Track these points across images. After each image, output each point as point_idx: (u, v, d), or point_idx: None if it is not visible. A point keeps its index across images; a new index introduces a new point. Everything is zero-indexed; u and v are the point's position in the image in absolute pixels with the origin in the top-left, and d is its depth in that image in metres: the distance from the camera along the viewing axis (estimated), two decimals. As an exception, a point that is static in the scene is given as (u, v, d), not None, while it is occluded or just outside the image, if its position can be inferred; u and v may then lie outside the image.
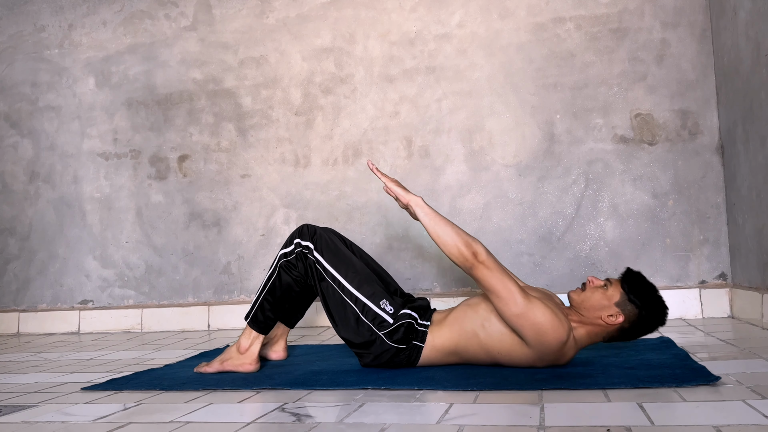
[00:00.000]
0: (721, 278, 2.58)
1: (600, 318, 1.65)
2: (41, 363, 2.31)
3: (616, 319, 1.63)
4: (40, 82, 3.42)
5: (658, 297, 1.66)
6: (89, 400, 1.61)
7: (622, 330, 1.65)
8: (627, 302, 1.63)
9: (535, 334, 1.59)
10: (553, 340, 1.59)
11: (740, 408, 1.20)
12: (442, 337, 1.75)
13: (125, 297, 3.23)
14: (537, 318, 1.58)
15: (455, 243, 1.65)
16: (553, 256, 2.73)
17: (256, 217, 3.08)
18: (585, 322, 1.67)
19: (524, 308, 1.59)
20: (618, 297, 1.64)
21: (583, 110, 2.73)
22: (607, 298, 1.65)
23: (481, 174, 2.82)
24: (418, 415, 1.30)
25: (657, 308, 1.64)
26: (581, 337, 1.67)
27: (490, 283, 1.62)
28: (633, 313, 1.63)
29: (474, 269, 1.63)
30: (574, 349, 1.66)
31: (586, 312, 1.67)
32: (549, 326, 1.58)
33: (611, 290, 1.66)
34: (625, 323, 1.64)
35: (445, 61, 2.89)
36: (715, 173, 2.61)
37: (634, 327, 1.65)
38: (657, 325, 1.66)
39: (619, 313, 1.63)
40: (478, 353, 1.72)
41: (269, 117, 3.10)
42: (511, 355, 1.67)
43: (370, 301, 1.77)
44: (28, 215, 3.39)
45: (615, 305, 1.64)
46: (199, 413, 1.42)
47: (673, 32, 2.67)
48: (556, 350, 1.62)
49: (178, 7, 3.24)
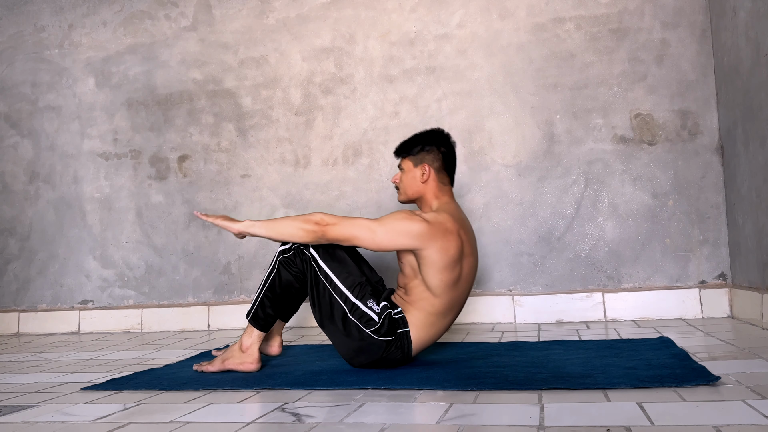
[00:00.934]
0: (721, 278, 2.58)
1: (421, 184, 1.91)
2: (41, 363, 2.31)
3: (427, 171, 1.90)
4: (40, 83, 3.42)
5: (423, 132, 1.97)
6: (89, 400, 1.61)
7: (441, 169, 1.92)
8: (417, 157, 1.92)
9: (407, 235, 1.75)
10: (417, 227, 1.75)
11: (740, 408, 1.20)
12: (414, 311, 1.81)
13: (125, 297, 3.23)
14: (393, 223, 1.76)
15: (297, 227, 1.78)
16: (553, 256, 2.73)
17: (256, 217, 3.08)
18: (423, 199, 1.92)
19: (380, 226, 1.76)
20: (411, 163, 1.93)
21: (583, 110, 2.73)
22: (409, 174, 1.93)
23: (481, 174, 2.82)
24: (418, 415, 1.30)
25: (431, 134, 1.95)
26: (435, 206, 1.88)
27: (346, 235, 1.77)
28: (427, 155, 1.91)
29: (325, 234, 1.77)
30: (442, 217, 1.80)
31: (415, 194, 1.93)
32: (405, 220, 1.76)
33: (405, 167, 1.94)
34: (435, 163, 1.91)
35: (445, 62, 2.89)
36: (714, 173, 2.61)
37: (442, 158, 1.93)
38: (446, 140, 1.95)
39: (422, 166, 1.91)
40: (432, 296, 1.80)
41: (269, 117, 3.10)
42: (434, 267, 1.77)
43: (358, 300, 1.79)
44: (28, 215, 3.39)
45: (417, 169, 1.92)
46: (199, 413, 1.42)
47: (673, 32, 2.67)
48: (431, 232, 1.75)
49: (178, 7, 3.25)
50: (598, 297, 2.66)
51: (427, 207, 1.93)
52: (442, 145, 1.95)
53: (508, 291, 2.77)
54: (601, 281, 2.68)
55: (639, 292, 2.62)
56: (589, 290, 2.68)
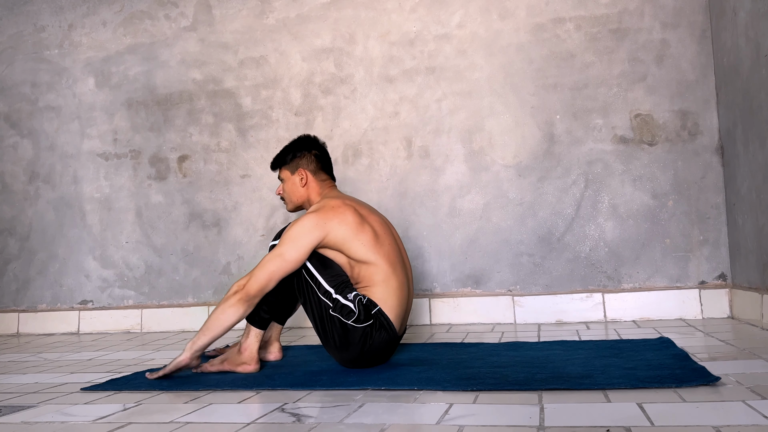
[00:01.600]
0: (721, 279, 2.58)
1: (304, 189, 2.00)
2: (41, 363, 2.31)
3: (305, 176, 2.00)
4: (40, 83, 3.42)
5: (291, 143, 2.06)
6: (89, 401, 1.61)
7: (318, 170, 2.02)
8: (292, 164, 2.01)
9: (307, 235, 1.80)
10: (310, 221, 1.81)
11: (740, 408, 1.20)
12: (370, 291, 1.83)
13: (125, 297, 3.23)
14: (291, 235, 1.80)
15: (225, 311, 1.77)
16: (553, 257, 2.73)
17: (256, 218, 3.08)
18: (309, 200, 2.01)
19: (283, 246, 1.80)
20: (288, 172, 2.02)
21: (583, 111, 2.74)
22: (289, 183, 2.02)
23: (481, 174, 2.82)
24: (418, 416, 1.30)
25: (299, 142, 2.03)
26: (318, 208, 1.89)
27: (265, 279, 1.77)
28: (302, 161, 2.01)
29: (249, 292, 1.77)
30: (328, 201, 1.90)
31: (299, 198, 2.02)
32: (296, 225, 1.82)
33: (284, 177, 2.04)
34: (310, 167, 2.01)
35: (445, 62, 2.89)
36: (714, 174, 2.61)
37: (319, 159, 2.02)
38: (315, 142, 2.04)
39: (299, 172, 2.00)
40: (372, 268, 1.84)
41: (269, 117, 3.10)
42: (352, 244, 1.83)
43: (339, 294, 1.80)
44: (28, 215, 3.39)
45: (294, 175, 2.01)
46: (199, 413, 1.42)
47: (673, 33, 2.67)
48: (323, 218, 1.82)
49: (178, 7, 3.24)
50: (598, 297, 2.66)
51: (312, 206, 1.99)
52: (313, 148, 2.04)
53: (508, 291, 2.77)
54: (601, 281, 2.68)
55: (639, 293, 2.62)
56: (589, 290, 2.68)
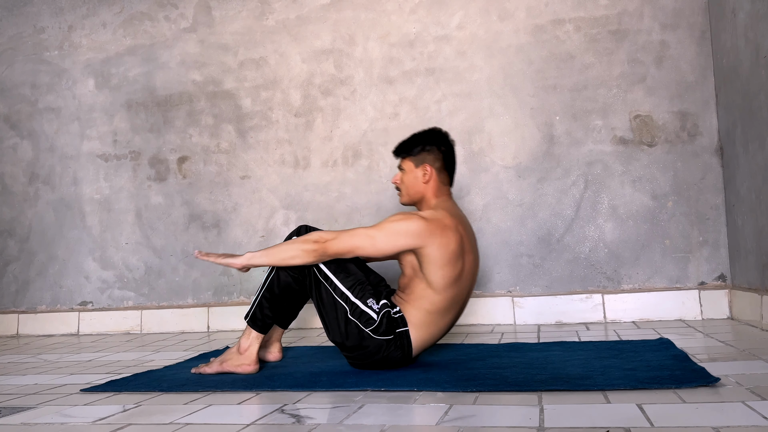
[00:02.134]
0: (721, 279, 2.58)
1: (423, 185, 1.90)
2: (40, 364, 2.31)
3: (429, 171, 1.89)
4: (40, 84, 3.42)
5: (421, 132, 1.95)
6: (88, 402, 1.61)
7: (442, 169, 1.91)
8: (417, 157, 1.90)
9: (405, 236, 1.74)
10: (416, 225, 1.74)
11: (740, 409, 1.20)
12: (413, 309, 1.80)
13: (125, 298, 3.23)
14: (392, 226, 1.75)
15: (297, 249, 1.76)
16: (553, 258, 2.73)
17: (256, 219, 3.09)
18: (423, 199, 1.91)
19: (378, 231, 1.75)
20: (412, 164, 1.91)
21: (583, 112, 2.74)
22: (410, 174, 1.91)
23: (481, 175, 2.82)
24: (418, 417, 1.30)
25: (430, 134, 1.93)
26: (434, 205, 1.87)
27: (346, 248, 1.75)
28: (428, 154, 1.90)
29: (326, 250, 1.75)
30: (446, 216, 1.80)
31: (416, 194, 1.92)
32: (402, 220, 1.75)
33: (405, 168, 1.93)
34: (435, 163, 1.90)
35: (444, 63, 2.89)
36: (714, 174, 2.61)
37: (443, 158, 1.92)
38: (445, 138, 1.93)
39: (424, 166, 1.89)
40: (434, 293, 1.79)
41: (269, 118, 3.10)
42: (435, 264, 1.76)
43: (358, 299, 1.79)
44: (27, 217, 3.39)
45: (418, 169, 1.90)
46: (199, 415, 1.42)
47: (673, 34, 2.67)
48: (429, 229, 1.74)
49: (177, 8, 3.25)
50: (597, 298, 2.66)
51: (427, 207, 1.91)
52: (442, 144, 1.94)
53: (508, 292, 2.77)
54: (601, 282, 2.68)
55: (638, 294, 2.62)
56: (588, 291, 2.68)
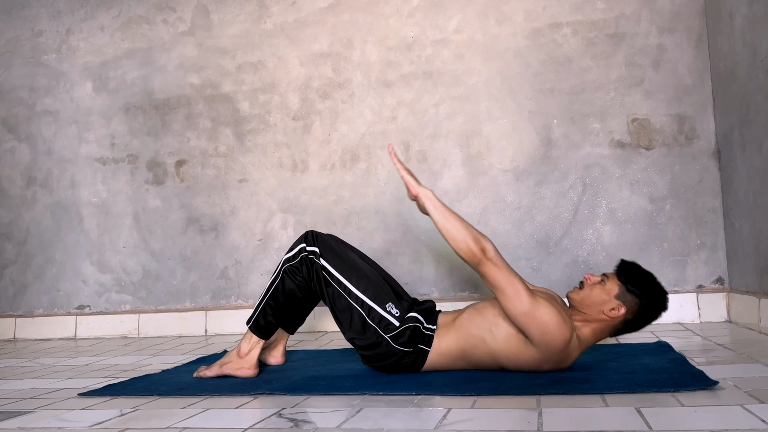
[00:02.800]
0: (719, 283, 2.59)
1: (602, 313, 1.65)
2: (38, 369, 2.30)
3: (618, 311, 1.64)
4: (38, 87, 3.42)
5: (656, 284, 1.67)
6: (86, 406, 1.61)
7: (626, 322, 1.66)
8: (626, 293, 1.65)
9: (541, 333, 1.59)
10: (559, 338, 1.59)
11: (738, 412, 1.20)
12: (449, 341, 1.74)
13: (122, 302, 3.23)
14: (543, 316, 1.58)
15: (464, 238, 1.65)
16: (551, 261, 2.73)
17: (254, 222, 3.08)
18: (588, 319, 1.68)
19: (530, 306, 1.59)
20: (617, 290, 1.65)
21: (580, 115, 2.74)
22: (606, 293, 1.66)
23: (479, 179, 2.83)
24: (416, 421, 1.30)
25: (657, 295, 1.66)
26: (586, 335, 1.68)
27: (497, 280, 1.62)
28: (634, 303, 1.64)
29: (481, 265, 1.64)
30: (579, 349, 1.66)
31: (588, 309, 1.67)
32: (554, 324, 1.58)
33: (609, 284, 1.67)
34: (629, 314, 1.65)
35: (442, 66, 2.90)
36: (711, 178, 2.62)
37: (638, 316, 1.66)
38: (660, 312, 1.67)
39: (621, 305, 1.64)
40: (484, 358, 1.71)
41: (267, 122, 3.10)
42: (518, 357, 1.66)
43: (376, 304, 1.76)
44: (25, 220, 3.39)
45: (615, 298, 1.65)
46: (197, 419, 1.41)
47: (670, 37, 2.68)
48: (561, 350, 1.61)
49: (176, 12, 3.25)
50: (595, 301, 2.65)
51: (582, 321, 1.68)
52: (655, 307, 1.67)
53: (506, 295, 2.76)
54: (599, 286, 2.67)
55: (637, 297, 2.62)
56: (586, 295, 2.68)
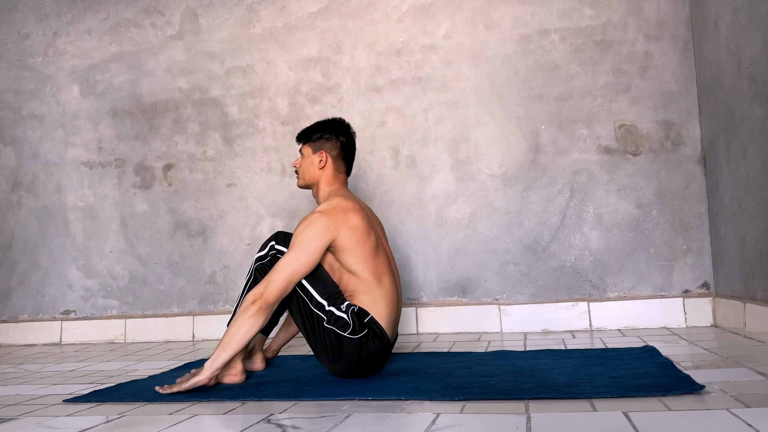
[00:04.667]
0: (704, 287, 2.61)
1: (318, 172, 1.95)
2: (22, 374, 2.28)
3: (325, 161, 1.95)
4: (24, 91, 3.39)
5: (324, 121, 2.01)
6: (71, 413, 1.59)
7: (339, 157, 1.97)
8: (318, 144, 1.97)
9: (320, 235, 1.78)
10: (322, 222, 1.79)
11: (724, 417, 1.21)
12: (360, 299, 1.81)
13: (108, 307, 3.20)
14: (304, 237, 1.77)
15: (246, 321, 1.71)
16: (539, 266, 2.74)
17: (242, 227, 3.07)
18: (318, 185, 1.97)
19: (297, 249, 1.76)
20: (311, 150, 1.98)
21: (568, 121, 2.76)
22: (308, 161, 1.97)
23: (468, 184, 2.84)
24: (405, 426, 1.30)
25: (332, 124, 1.99)
26: (328, 194, 1.93)
27: (283, 282, 1.73)
28: (331, 144, 1.97)
29: (268, 299, 1.72)
30: (341, 201, 1.85)
31: (311, 179, 1.97)
32: (307, 226, 1.79)
33: (305, 153, 1.99)
34: (334, 151, 1.96)
35: (431, 72, 2.91)
36: (697, 183, 2.64)
37: (344, 147, 1.98)
38: (346, 129, 1.99)
39: (322, 154, 1.96)
40: (361, 278, 1.82)
41: (256, 126, 3.09)
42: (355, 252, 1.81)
43: (334, 307, 1.79)
44: (9, 225, 3.35)
45: (315, 155, 1.97)
46: (184, 425, 1.40)
47: (656, 45, 2.71)
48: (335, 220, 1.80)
49: (164, 16, 3.24)
50: (583, 306, 2.67)
51: (320, 193, 1.98)
52: (342, 134, 2.00)
53: (495, 300, 2.77)
54: (587, 290, 2.69)
55: (624, 302, 2.64)
56: (574, 299, 2.69)
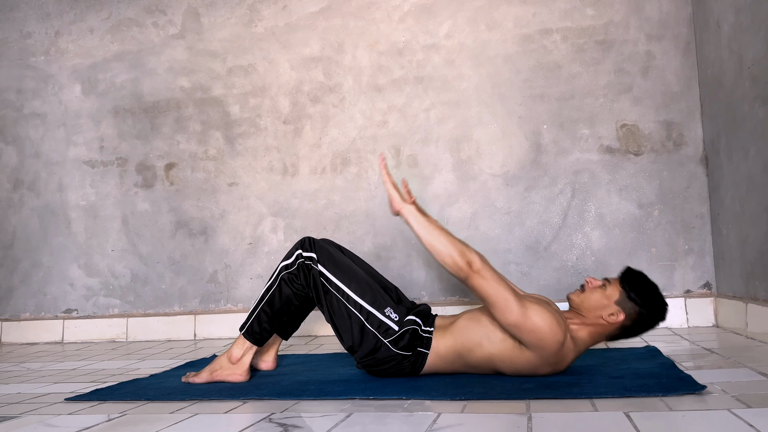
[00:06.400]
0: (706, 288, 2.61)
1: (601, 317, 1.66)
2: (24, 373, 2.28)
3: (617, 317, 1.65)
4: (26, 89, 3.39)
5: (658, 295, 1.68)
6: (73, 411, 1.59)
7: (623, 328, 1.67)
8: (627, 300, 1.65)
9: (535, 338, 1.60)
10: (552, 342, 1.60)
11: (726, 417, 1.21)
12: (447, 344, 1.74)
13: (110, 306, 3.20)
14: (535, 323, 1.59)
15: (449, 252, 1.66)
16: (540, 266, 2.74)
17: (244, 226, 3.07)
18: (586, 323, 1.69)
19: (520, 315, 1.60)
20: (617, 296, 1.66)
21: (570, 121, 2.76)
22: (606, 298, 1.67)
23: (469, 183, 2.83)
24: (406, 425, 1.30)
25: (657, 305, 1.67)
26: (582, 338, 1.69)
27: (485, 293, 1.63)
28: (633, 311, 1.65)
29: (469, 279, 1.65)
30: (575, 351, 1.67)
31: (587, 312, 1.68)
32: (547, 329, 1.59)
33: (610, 289, 1.67)
34: (627, 321, 1.66)
35: (433, 71, 2.91)
36: (699, 184, 2.64)
37: (636, 324, 1.67)
38: (657, 322, 1.69)
39: (620, 312, 1.65)
40: (481, 362, 1.71)
41: (257, 125, 3.09)
42: (514, 362, 1.66)
43: (374, 308, 1.75)
44: (11, 223, 3.35)
45: (615, 303, 1.65)
46: (185, 424, 1.40)
47: (658, 45, 2.70)
48: (556, 352, 1.61)
49: (166, 15, 3.24)
50: (584, 306, 2.67)
51: (579, 324, 1.70)
52: (653, 317, 1.68)
53: (496, 300, 2.77)
54: (588, 290, 2.69)
55: (625, 302, 2.63)
56: (575, 299, 2.69)
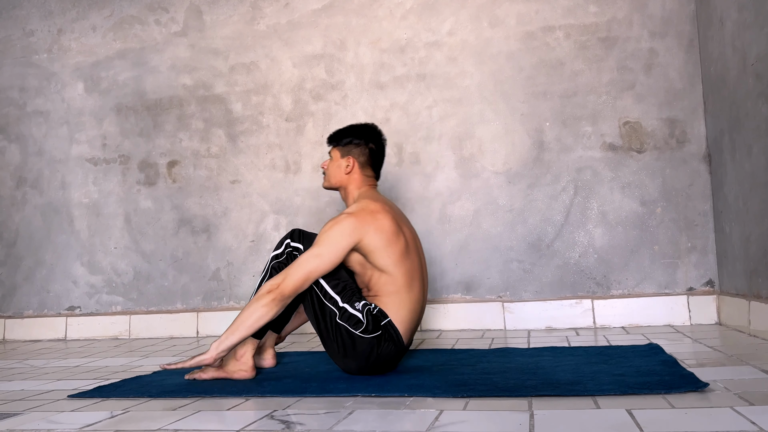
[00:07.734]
0: (709, 285, 2.60)
1: (345, 176, 1.96)
2: (27, 370, 2.29)
3: (352, 167, 1.96)
4: (29, 87, 3.40)
5: (356, 126, 2.01)
6: (76, 408, 1.60)
7: (366, 163, 1.97)
8: (345, 148, 1.97)
9: (345, 237, 1.78)
10: (349, 223, 1.79)
11: (728, 415, 1.21)
12: (383, 301, 1.82)
13: (113, 303, 3.21)
14: (329, 236, 1.78)
15: (259, 309, 1.75)
16: (543, 263, 2.74)
17: (246, 224, 3.07)
18: (345, 189, 1.97)
19: (321, 246, 1.77)
20: (339, 153, 1.98)
21: (573, 118, 2.75)
22: (335, 164, 1.98)
23: (471, 181, 2.83)
24: (408, 423, 1.30)
25: (362, 131, 1.99)
26: (356, 198, 1.94)
27: (301, 278, 1.75)
28: (355, 148, 1.96)
29: (283, 292, 1.74)
30: (369, 203, 1.86)
31: (337, 182, 1.98)
32: (334, 225, 1.80)
33: (333, 157, 1.99)
34: (362, 157, 1.96)
35: (435, 69, 2.90)
36: (702, 181, 2.64)
37: (372, 154, 1.98)
38: (376, 138, 1.99)
39: (350, 159, 1.96)
40: (392, 278, 1.82)
41: (259, 123, 3.09)
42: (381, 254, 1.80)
43: (347, 304, 1.79)
44: (14, 221, 3.36)
45: (342, 159, 1.97)
46: (188, 421, 1.41)
47: (661, 42, 2.70)
48: (361, 220, 1.80)
49: (168, 12, 3.24)
50: (587, 303, 2.67)
51: (349, 197, 1.99)
52: (372, 141, 1.99)
53: (498, 298, 2.77)
54: (591, 288, 2.69)
55: (628, 299, 2.64)
56: (578, 297, 2.69)
